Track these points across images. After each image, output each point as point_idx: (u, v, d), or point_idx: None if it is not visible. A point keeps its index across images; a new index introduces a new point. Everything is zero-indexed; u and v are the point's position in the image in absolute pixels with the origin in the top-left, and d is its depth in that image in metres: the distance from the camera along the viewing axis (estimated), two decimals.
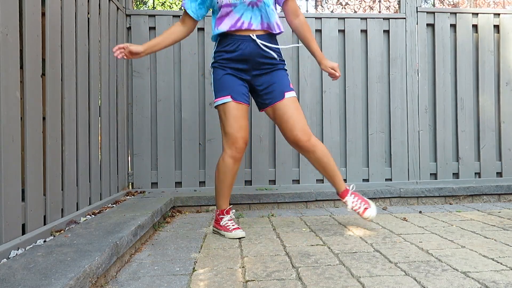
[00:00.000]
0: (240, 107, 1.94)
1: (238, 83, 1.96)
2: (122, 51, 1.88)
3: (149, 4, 9.42)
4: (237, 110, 1.93)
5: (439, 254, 1.58)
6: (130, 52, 1.88)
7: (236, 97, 1.94)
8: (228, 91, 1.94)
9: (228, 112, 1.94)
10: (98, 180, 2.34)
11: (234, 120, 1.93)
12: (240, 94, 1.95)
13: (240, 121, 1.94)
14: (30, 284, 1.01)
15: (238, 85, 1.96)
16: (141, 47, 1.91)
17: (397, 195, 2.83)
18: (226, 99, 1.93)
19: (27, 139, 1.55)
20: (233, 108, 1.93)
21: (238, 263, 1.53)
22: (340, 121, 3.15)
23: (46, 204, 1.71)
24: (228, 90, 1.94)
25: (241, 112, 1.95)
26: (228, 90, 1.94)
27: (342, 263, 1.50)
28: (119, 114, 2.75)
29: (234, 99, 1.93)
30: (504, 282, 1.27)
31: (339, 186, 2.05)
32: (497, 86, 3.29)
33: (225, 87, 1.95)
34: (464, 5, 9.13)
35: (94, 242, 1.41)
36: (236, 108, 1.93)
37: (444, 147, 3.20)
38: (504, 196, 2.93)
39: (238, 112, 1.94)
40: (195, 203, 2.65)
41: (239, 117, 1.94)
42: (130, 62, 2.99)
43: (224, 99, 1.94)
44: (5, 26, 1.40)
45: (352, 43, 3.14)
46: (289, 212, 2.60)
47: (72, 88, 1.99)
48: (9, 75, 1.42)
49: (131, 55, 1.90)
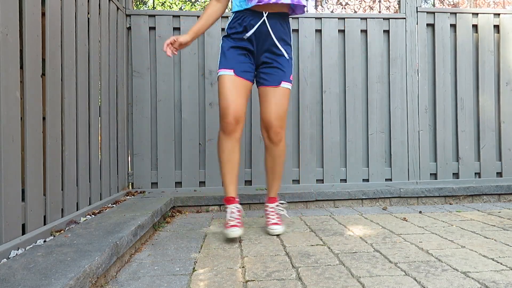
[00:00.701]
0: (240, 83, 1.92)
1: (244, 60, 1.94)
2: (171, 47, 1.94)
3: (149, 4, 9.42)
4: (236, 84, 1.91)
5: (439, 254, 1.58)
6: (180, 44, 1.94)
7: (238, 73, 1.92)
8: (232, 65, 1.92)
9: (225, 84, 1.91)
10: (98, 180, 2.34)
11: (230, 93, 1.90)
12: (244, 70, 1.93)
13: (235, 95, 1.90)
14: (30, 284, 1.01)
15: (245, 61, 1.94)
16: (188, 36, 1.96)
17: (397, 195, 2.83)
18: (227, 72, 1.92)
19: (27, 139, 1.55)
20: (232, 81, 1.91)
21: (238, 263, 1.53)
22: (340, 121, 3.15)
23: (46, 204, 1.71)
24: (232, 64, 1.92)
25: (240, 88, 1.92)
26: (232, 64, 1.92)
27: (342, 263, 1.50)
28: (119, 114, 2.75)
29: (237, 74, 1.92)
30: (504, 282, 1.27)
31: (274, 191, 2.12)
32: (497, 86, 3.29)
33: (229, 60, 1.93)
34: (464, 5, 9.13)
35: (94, 242, 1.41)
36: (235, 81, 1.91)
37: (444, 147, 3.20)
38: (504, 196, 2.93)
39: (236, 86, 1.91)
40: (195, 203, 2.65)
41: (236, 91, 1.91)
42: (130, 62, 2.99)
43: (225, 71, 1.92)
44: (5, 26, 1.40)
45: (352, 43, 3.14)
46: (289, 212, 2.60)
47: (72, 88, 1.99)
48: (9, 75, 1.42)
49: (181, 47, 1.97)
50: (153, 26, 2.99)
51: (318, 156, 3.11)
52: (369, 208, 2.74)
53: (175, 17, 3.01)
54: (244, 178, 3.03)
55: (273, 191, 2.13)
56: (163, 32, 2.99)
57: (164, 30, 2.99)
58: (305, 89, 3.09)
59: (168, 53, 1.92)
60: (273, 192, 2.13)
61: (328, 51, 3.11)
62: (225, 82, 1.91)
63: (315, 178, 3.09)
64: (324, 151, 3.09)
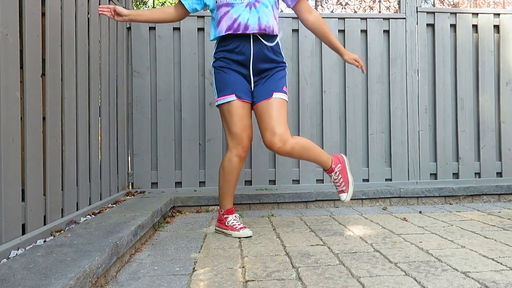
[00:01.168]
0: (244, 106, 1.92)
1: (241, 81, 1.93)
2: (108, 10, 1.93)
3: (149, 4, 9.42)
4: (242, 108, 1.91)
5: (439, 254, 1.58)
6: (115, 11, 1.94)
7: (240, 96, 1.90)
8: (233, 90, 1.90)
9: (232, 111, 1.90)
10: (98, 180, 2.34)
11: (239, 119, 1.90)
12: (244, 91, 1.92)
13: (244, 120, 1.91)
14: (30, 284, 1.01)
15: (242, 83, 1.93)
16: (126, 11, 1.95)
17: (397, 195, 2.83)
18: (230, 98, 1.90)
19: (27, 139, 1.55)
20: (238, 106, 1.90)
21: (238, 263, 1.53)
22: (340, 121, 3.15)
23: (46, 204, 1.71)
24: (232, 88, 1.90)
25: (246, 111, 1.92)
26: (232, 88, 1.90)
27: (342, 263, 1.50)
28: (119, 114, 2.75)
29: (239, 97, 1.90)
30: (504, 282, 1.27)
31: (325, 166, 2.04)
32: (497, 86, 3.29)
33: (229, 85, 1.91)
34: (464, 5, 9.13)
35: (94, 242, 1.41)
36: (241, 106, 1.90)
37: (444, 147, 3.20)
38: (504, 196, 2.93)
39: (243, 110, 1.91)
40: (195, 203, 2.65)
41: (244, 115, 1.91)
42: (130, 62, 2.99)
43: (228, 97, 1.90)
44: (5, 26, 1.40)
45: (352, 43, 3.14)
46: (289, 212, 2.60)
47: (72, 88, 1.99)
48: (9, 75, 1.42)
49: (116, 16, 1.95)
50: (153, 26, 2.99)
51: None
52: (369, 208, 2.74)
53: None
54: (244, 178, 3.03)
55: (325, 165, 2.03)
56: (163, 32, 2.99)
57: (164, 30, 2.99)
58: (305, 89, 3.10)
59: (101, 10, 1.91)
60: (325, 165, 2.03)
61: (328, 51, 3.11)
62: (232, 108, 1.90)
63: (315, 178, 3.09)
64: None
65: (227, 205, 2.01)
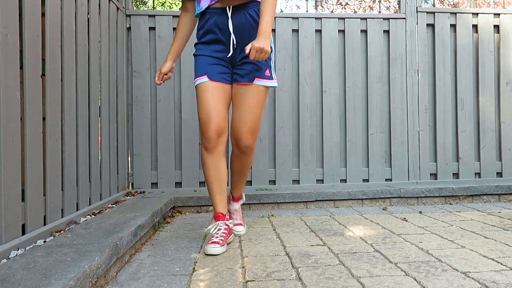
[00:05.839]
0: (216, 87, 1.73)
1: (215, 61, 1.76)
2: (163, 77, 1.92)
3: (149, 4, 9.42)
4: (212, 90, 1.72)
5: (439, 254, 1.58)
6: (165, 73, 1.91)
7: (212, 77, 1.74)
8: (205, 70, 1.75)
9: (201, 93, 1.73)
10: (98, 180, 2.34)
11: (207, 103, 1.71)
12: (217, 73, 1.75)
13: (213, 104, 1.71)
14: (30, 284, 1.01)
15: (216, 64, 1.76)
16: (168, 62, 1.91)
17: (397, 195, 2.83)
18: (202, 79, 1.75)
19: (27, 139, 1.55)
20: (207, 88, 1.72)
21: (238, 263, 1.53)
22: (340, 121, 3.15)
23: (46, 204, 1.71)
24: (204, 69, 1.75)
25: (217, 93, 1.73)
26: (204, 69, 1.75)
27: (342, 263, 1.50)
28: (119, 114, 2.75)
29: (211, 78, 1.73)
30: (504, 282, 1.27)
31: (239, 191, 2.05)
32: (497, 86, 3.29)
33: (201, 66, 1.76)
34: (464, 5, 9.13)
35: (94, 242, 1.41)
36: (211, 88, 1.72)
37: (444, 147, 3.20)
38: (504, 196, 2.93)
39: (213, 93, 1.72)
40: (195, 203, 2.65)
41: (214, 99, 1.72)
42: (130, 62, 2.99)
43: (200, 79, 1.76)
44: (5, 26, 1.40)
45: (352, 43, 3.14)
46: (289, 212, 2.60)
47: (72, 88, 1.99)
48: (9, 75, 1.42)
49: (168, 74, 1.93)
50: (153, 26, 2.99)
51: (318, 156, 3.11)
52: (369, 208, 2.74)
53: (175, 17, 3.01)
54: None
55: (238, 191, 2.04)
56: (163, 32, 2.99)
57: (164, 30, 2.99)
58: (305, 89, 3.09)
59: (159, 83, 1.91)
60: (238, 191, 2.04)
61: (328, 51, 3.11)
62: (201, 90, 1.73)
63: (315, 178, 3.09)
64: (324, 151, 3.09)
65: (215, 207, 1.81)
